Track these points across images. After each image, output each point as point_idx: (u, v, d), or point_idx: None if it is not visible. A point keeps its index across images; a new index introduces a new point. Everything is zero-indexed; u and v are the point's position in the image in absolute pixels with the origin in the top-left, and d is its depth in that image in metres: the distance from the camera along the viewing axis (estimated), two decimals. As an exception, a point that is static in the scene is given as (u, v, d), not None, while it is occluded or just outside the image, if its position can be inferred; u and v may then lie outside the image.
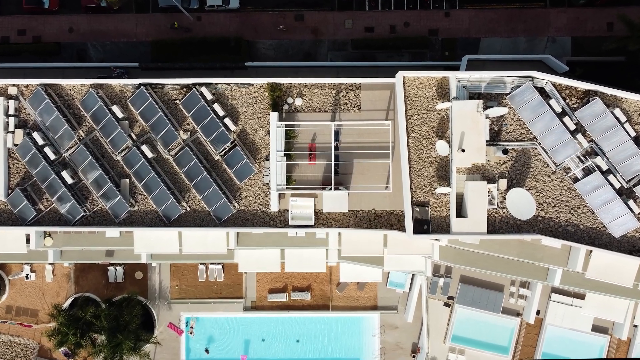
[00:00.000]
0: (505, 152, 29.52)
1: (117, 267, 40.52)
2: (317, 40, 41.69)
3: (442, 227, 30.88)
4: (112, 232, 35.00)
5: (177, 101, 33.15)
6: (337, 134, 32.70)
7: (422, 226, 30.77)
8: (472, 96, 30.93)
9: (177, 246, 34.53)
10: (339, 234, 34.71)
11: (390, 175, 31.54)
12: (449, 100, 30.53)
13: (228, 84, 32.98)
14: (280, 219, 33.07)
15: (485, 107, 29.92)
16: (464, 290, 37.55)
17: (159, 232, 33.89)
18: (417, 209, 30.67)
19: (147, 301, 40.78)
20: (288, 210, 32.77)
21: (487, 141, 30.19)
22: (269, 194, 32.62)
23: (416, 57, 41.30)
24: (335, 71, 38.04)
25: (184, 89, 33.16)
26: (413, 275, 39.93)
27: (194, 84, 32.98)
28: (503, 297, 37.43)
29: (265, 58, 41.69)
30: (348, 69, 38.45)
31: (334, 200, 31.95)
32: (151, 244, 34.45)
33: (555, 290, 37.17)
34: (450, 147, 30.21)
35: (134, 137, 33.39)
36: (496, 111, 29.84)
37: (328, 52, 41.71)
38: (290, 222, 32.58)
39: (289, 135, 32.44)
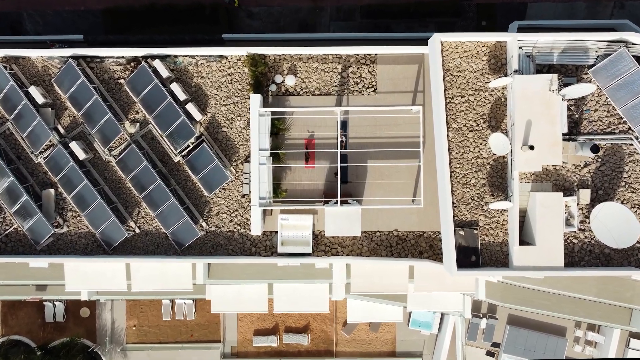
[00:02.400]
0: (595, 149, 20.07)
1: (55, 303, 31.02)
2: (316, 8, 32.24)
3: (497, 258, 21.45)
4: (38, 262, 25.57)
5: (122, 80, 23.77)
6: (344, 125, 23.36)
7: (469, 257, 21.34)
8: (540, 69, 21.53)
9: (124, 281, 25.09)
10: (348, 265, 25.29)
11: (420, 184, 22.10)
12: (507, 75, 21.14)
13: (192, 57, 23.61)
14: (266, 245, 23.67)
15: (562, 85, 20.50)
16: (514, 335, 28.11)
17: (99, 263, 24.42)
18: (461, 232, 21.24)
19: (95, 346, 31.32)
20: (276, 232, 23.42)
21: (563, 134, 20.79)
22: (250, 209, 23.25)
23: (444, 28, 31.76)
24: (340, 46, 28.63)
25: (132, 64, 23.77)
26: (444, 313, 30.50)
27: (145, 57, 23.59)
28: (566, 345, 27.97)
29: (250, 30, 32.29)
30: (356, 44, 29.03)
31: (341, 219, 22.57)
32: (88, 278, 25.07)
33: (636, 336, 27.76)
34: (510, 143, 20.79)
35: (62, 130, 23.98)
36: (579, 90, 20.45)
37: (330, 23, 32.25)
38: (280, 249, 23.22)
39: (277, 127, 23.06)
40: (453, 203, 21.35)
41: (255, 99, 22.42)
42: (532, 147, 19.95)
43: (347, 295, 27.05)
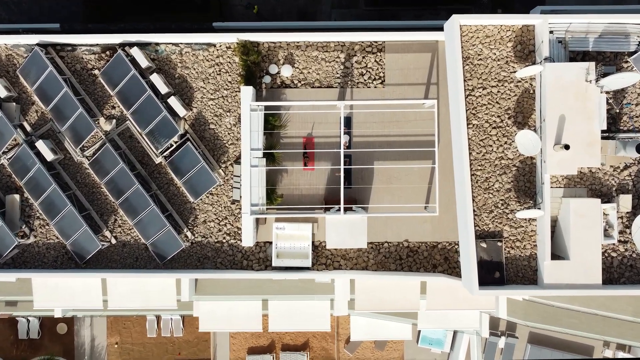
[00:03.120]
0: (641, 149, 17.28)
1: (29, 318, 28.22)
2: (316, -6, 29.53)
3: (524, 274, 18.67)
4: (5, 276, 22.76)
5: (96, 71, 20.99)
6: (348, 122, 20.61)
7: (492, 273, 18.56)
8: (574, 57, 18.75)
9: (100, 298, 22.29)
10: (352, 280, 22.48)
11: (435, 189, 19.29)
12: (536, 64, 18.36)
13: (176, 45, 20.84)
14: (259, 257, 20.88)
15: (601, 75, 17.72)
16: (536, 355, 25.29)
17: (71, 278, 21.62)
18: (483, 245, 18.47)
19: (73, 366, 28.55)
20: (271, 244, 20.65)
21: (601, 131, 18.00)
22: (240, 218, 20.46)
23: (457, 17, 29.01)
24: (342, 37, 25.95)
25: (107, 53, 20.99)
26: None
27: (122, 44, 20.82)
28: (593, 366, 25.17)
29: (244, 19, 29.54)
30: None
31: (345, 229, 19.79)
32: (59, 295, 22.26)
33: (671, 356, 24.93)
34: (540, 142, 18.00)
35: (28, 127, 21.20)
36: (621, 80, 17.67)
37: (332, 11, 29.52)
38: (275, 263, 20.43)
39: (272, 124, 20.28)
40: (474, 211, 18.55)
41: (247, 91, 19.64)
42: (567, 147, 17.14)
43: (350, 311, 24.25)
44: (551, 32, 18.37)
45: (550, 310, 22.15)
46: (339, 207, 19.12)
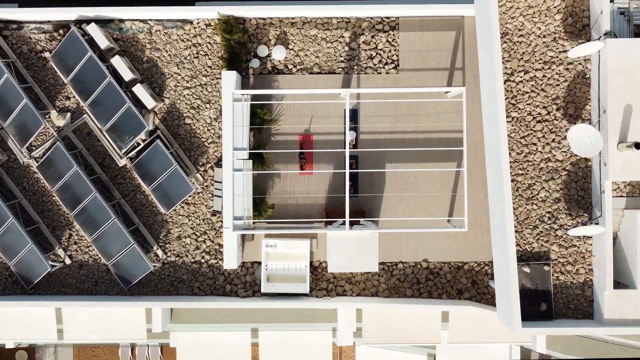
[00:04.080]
0: None
1: (-17, 346, 24.38)
2: (316, -29, 25.58)
3: (577, 306, 14.86)
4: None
5: (47, 54, 17.21)
6: (354, 115, 16.83)
7: (536, 304, 14.77)
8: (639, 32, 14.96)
9: (54, 328, 18.45)
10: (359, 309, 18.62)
11: (464, 198, 15.44)
12: (591, 40, 14.55)
13: (144, 22, 17.08)
14: (245, 282, 17.11)
15: (677, 53, 13.92)
16: (574, 393, 21.41)
17: (14, 307, 17.80)
18: (526, 269, 14.68)
19: (35, 400, 24.75)
20: (260, 265, 16.88)
21: (677, 126, 14.20)
22: (222, 233, 16.64)
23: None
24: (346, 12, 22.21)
25: (62, 32, 17.22)
26: None
27: (78, 21, 17.05)
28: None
29: None
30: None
31: (351, 247, 15.97)
32: (8, 324, 18.40)
33: None
34: (601, 139, 14.16)
35: (-37, 123, 17.47)
36: None
37: (334, -10, 25.60)
38: (264, 288, 16.63)
39: (261, 117, 16.49)
40: (515, 226, 14.74)
41: (229, 77, 15.85)
42: (637, 145, 13.32)
43: (356, 340, 20.40)
44: (612, 0, 14.56)
45: (601, 345, 18.31)
46: (344, 221, 15.33)
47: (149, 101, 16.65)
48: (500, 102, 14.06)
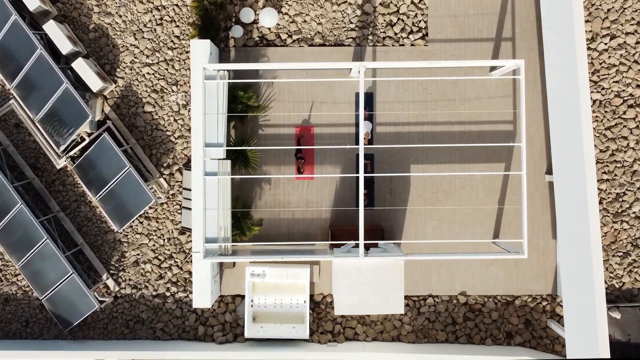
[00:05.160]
0: None
1: None
2: None
3: (686, 365, 10.62)
4: None
5: (-39, 20, 12.98)
6: (369, 101, 12.60)
7: (627, 362, 10.51)
8: None
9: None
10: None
11: (522, 213, 11.17)
12: None
13: (91, -23, 12.89)
14: (224, 322, 12.88)
15: None
16: None
17: None
18: (615, 314, 10.42)
19: None
20: (243, 299, 12.66)
21: None
22: (192, 259, 12.35)
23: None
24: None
25: (-18, -9, 12.99)
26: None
27: (1, -25, 12.83)
28: None
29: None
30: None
31: (366, 279, 11.66)
32: None
33: None
34: None
35: None
36: None
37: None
38: (249, 332, 12.39)
39: (244, 103, 12.24)
40: (603, 251, 10.51)
41: (200, 48, 11.65)
42: None
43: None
44: None
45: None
46: (356, 243, 11.12)
47: (95, 82, 12.44)
48: (582, 80, 9.84)
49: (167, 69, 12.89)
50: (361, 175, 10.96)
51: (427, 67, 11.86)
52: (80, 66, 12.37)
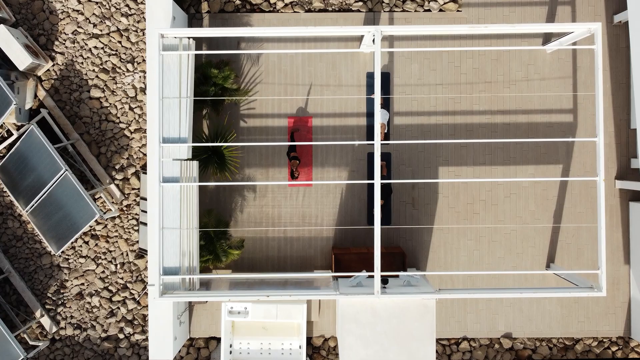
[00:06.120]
0: None
1: None
2: None
3: None
4: None
5: None
6: (384, 82, 9.50)
7: None
8: None
9: None
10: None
11: (598, 235, 8.10)
12: None
13: None
14: (195, 374, 9.83)
15: None
16: None
17: None
18: None
19: None
20: (219, 343, 9.59)
21: None
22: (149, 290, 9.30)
23: None
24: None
25: None
26: None
27: None
28: None
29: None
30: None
31: (383, 325, 8.56)
32: None
33: None
34: None
35: None
36: None
37: None
38: (228, 387, 9.33)
39: (219, 84, 9.14)
40: None
41: (159, 7, 8.60)
42: None
43: None
44: None
45: None
46: (370, 275, 8.08)
47: (21, 58, 9.39)
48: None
49: (120, 42, 9.85)
50: (377, 181, 7.91)
51: (468, 33, 8.85)
52: (5, 38, 9.32)
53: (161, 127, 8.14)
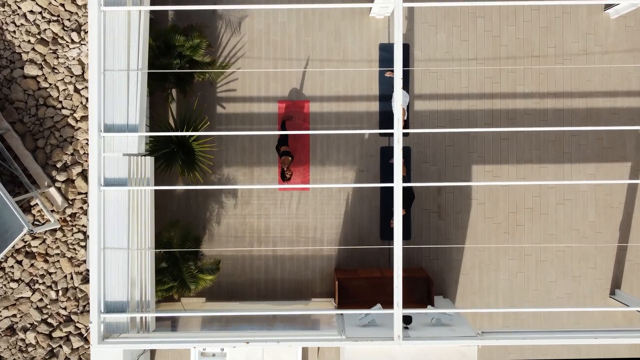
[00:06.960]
0: None
1: None
2: None
3: None
4: None
5: None
6: (404, 58, 7.24)
7: None
8: None
9: None
10: None
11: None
12: None
13: None
14: None
15: None
16: None
17: None
18: None
19: None
20: (190, 395, 7.38)
21: None
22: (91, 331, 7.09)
23: None
24: None
25: None
26: None
27: None
28: None
29: None
30: None
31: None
32: None
33: None
34: None
35: None
36: None
37: None
38: None
39: (188, 56, 6.92)
40: None
41: (102, -47, 6.38)
42: None
43: None
44: None
45: None
46: (387, 311, 5.90)
47: None
48: None
49: (63, 5, 7.66)
50: (397, 183, 5.72)
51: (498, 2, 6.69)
52: None
53: (102, 110, 5.95)
